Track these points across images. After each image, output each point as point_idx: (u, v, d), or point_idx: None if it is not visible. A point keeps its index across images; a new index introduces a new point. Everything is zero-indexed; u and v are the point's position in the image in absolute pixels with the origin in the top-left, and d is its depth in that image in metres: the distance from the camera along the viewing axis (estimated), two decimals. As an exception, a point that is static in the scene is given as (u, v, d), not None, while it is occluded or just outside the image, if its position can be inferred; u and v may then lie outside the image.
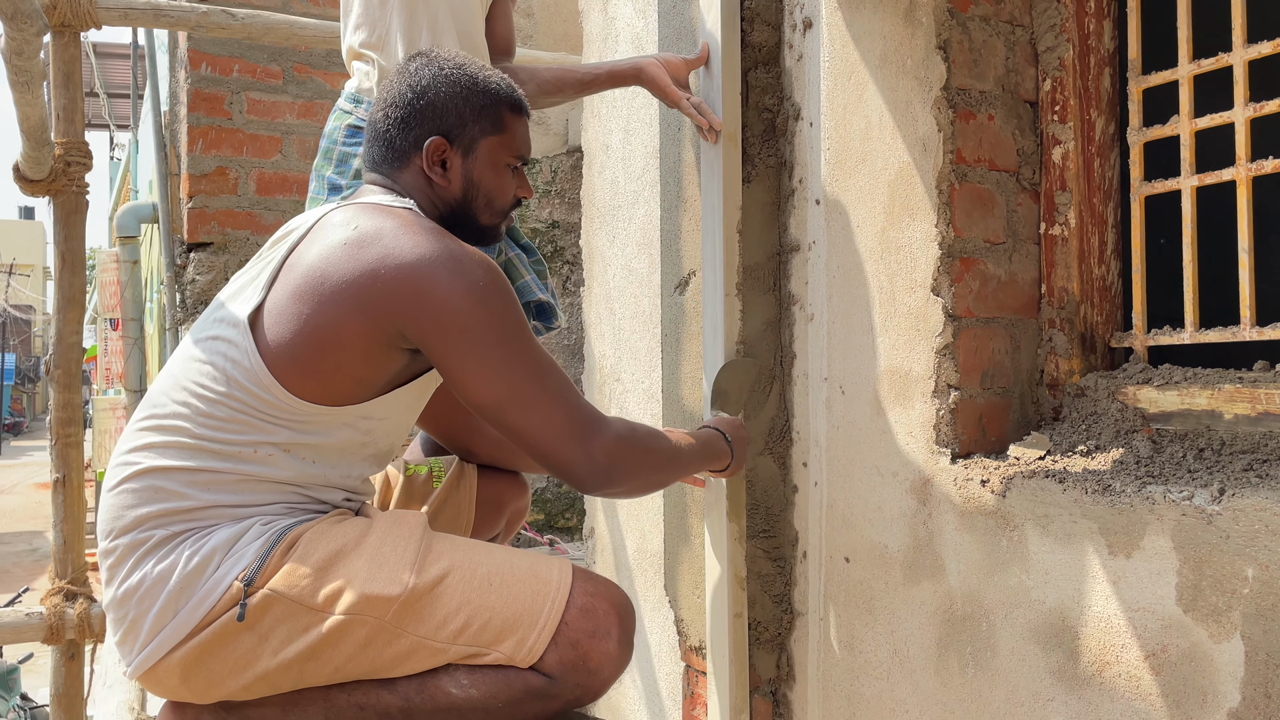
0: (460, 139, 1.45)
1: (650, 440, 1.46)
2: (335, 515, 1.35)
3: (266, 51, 4.02)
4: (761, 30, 2.01)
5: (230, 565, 1.26)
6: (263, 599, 1.25)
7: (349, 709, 1.30)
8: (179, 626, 1.26)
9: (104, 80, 10.80)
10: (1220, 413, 1.49)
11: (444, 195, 1.47)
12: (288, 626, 1.26)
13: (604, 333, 2.53)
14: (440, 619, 1.26)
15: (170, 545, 1.28)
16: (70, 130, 2.33)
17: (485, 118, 1.46)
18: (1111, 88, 1.75)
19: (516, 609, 1.27)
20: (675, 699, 2.24)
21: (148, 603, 1.27)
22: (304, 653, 1.26)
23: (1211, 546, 1.29)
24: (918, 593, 1.70)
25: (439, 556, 1.30)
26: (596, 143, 2.55)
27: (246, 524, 1.29)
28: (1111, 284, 1.75)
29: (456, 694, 1.27)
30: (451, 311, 1.28)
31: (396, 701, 1.29)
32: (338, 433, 1.35)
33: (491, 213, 1.50)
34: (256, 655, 1.26)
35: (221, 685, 1.28)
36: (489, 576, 1.29)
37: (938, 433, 1.67)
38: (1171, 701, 1.33)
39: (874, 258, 1.79)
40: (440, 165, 1.45)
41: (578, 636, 1.28)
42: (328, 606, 1.25)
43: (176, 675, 1.28)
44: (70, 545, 2.33)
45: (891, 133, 1.75)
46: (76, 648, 2.34)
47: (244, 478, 1.31)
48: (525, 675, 1.27)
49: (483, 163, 1.47)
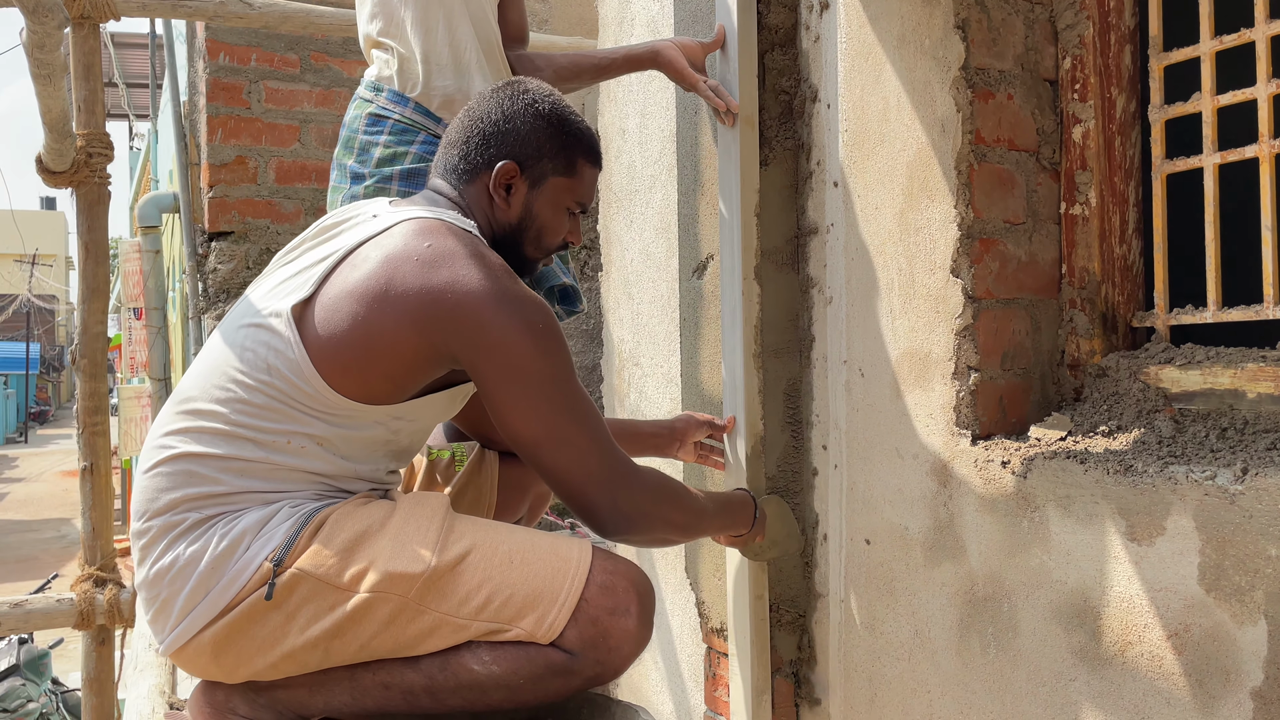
0: (531, 170, 1.49)
1: (676, 500, 1.48)
2: (360, 498, 1.38)
3: (284, 40, 4.03)
4: (778, 12, 2.00)
5: (260, 546, 1.28)
6: (290, 578, 1.28)
7: (374, 688, 1.33)
8: (210, 606, 1.28)
9: (123, 70, 10.84)
10: (1243, 392, 1.49)
11: (501, 218, 1.50)
12: (314, 605, 1.28)
13: (622, 317, 2.53)
14: (462, 596, 1.28)
15: (202, 528, 1.30)
16: (91, 122, 2.34)
17: (561, 157, 1.50)
18: (1132, 65, 1.73)
19: (537, 585, 1.29)
20: (697, 680, 2.25)
21: (179, 583, 1.30)
22: (330, 630, 1.28)
23: (1234, 526, 1.28)
24: (939, 574, 1.70)
25: (461, 535, 1.32)
26: (613, 127, 2.55)
27: (275, 506, 1.32)
28: (1133, 263, 1.74)
29: (479, 670, 1.28)
30: (508, 349, 1.32)
31: (420, 679, 1.31)
32: (369, 430, 1.37)
33: (538, 248, 1.54)
34: (284, 633, 1.29)
35: (250, 664, 1.31)
36: (510, 555, 1.31)
37: (958, 414, 1.67)
38: (1194, 681, 1.33)
39: (893, 239, 1.79)
40: (505, 189, 1.48)
41: (597, 613, 1.29)
42: (353, 585, 1.28)
43: (208, 654, 1.31)
44: (99, 532, 2.36)
45: (910, 114, 1.74)
46: (107, 633, 2.38)
47: (275, 467, 1.33)
48: (546, 651, 1.28)
49: (546, 199, 1.51)
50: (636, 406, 2.49)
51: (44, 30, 1.82)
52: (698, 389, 2.18)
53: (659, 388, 2.36)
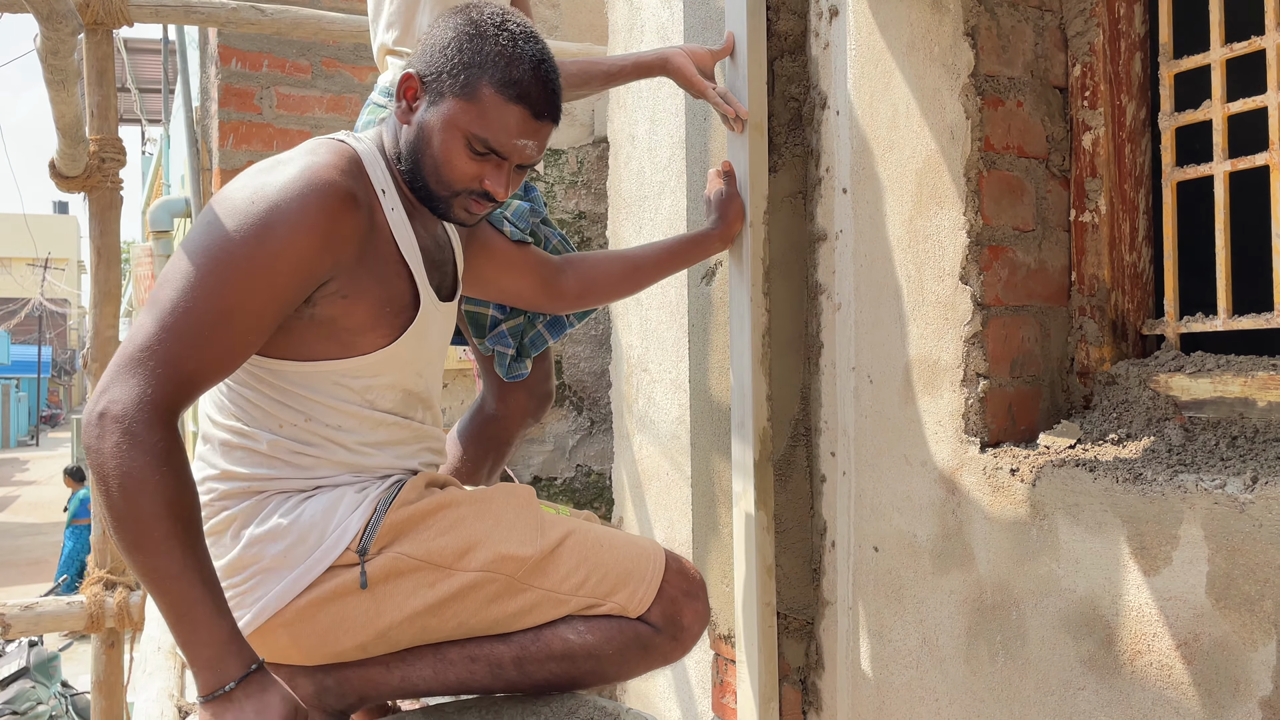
0: (433, 85, 1.32)
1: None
2: (425, 482, 1.39)
3: (295, 46, 4.05)
4: (787, 19, 2.00)
5: (337, 536, 1.30)
6: (389, 560, 1.31)
7: (460, 660, 1.37)
8: (285, 592, 1.30)
9: (135, 75, 10.90)
10: (1254, 400, 1.48)
11: (402, 137, 1.36)
12: (412, 583, 1.32)
13: (631, 323, 2.53)
14: (563, 574, 1.36)
15: (260, 514, 1.32)
16: (104, 127, 2.36)
17: (462, 75, 1.30)
18: (1142, 72, 1.73)
19: (627, 565, 1.39)
20: (705, 687, 2.25)
21: (250, 570, 1.31)
22: (431, 607, 1.33)
23: (1244, 535, 1.28)
24: (947, 582, 1.70)
25: (554, 523, 1.41)
26: (622, 133, 2.55)
27: (339, 492, 1.33)
28: (1143, 271, 1.74)
29: (574, 639, 1.36)
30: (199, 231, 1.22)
31: (511, 651, 1.37)
32: (332, 391, 1.33)
33: (439, 183, 1.34)
34: (377, 614, 1.32)
35: (334, 644, 1.34)
36: (599, 539, 1.41)
37: (967, 422, 1.67)
38: (1203, 690, 1.33)
39: (902, 246, 1.79)
40: (408, 103, 1.35)
41: (676, 594, 1.40)
42: (457, 563, 1.33)
43: (286, 637, 1.33)
44: (109, 535, 2.37)
45: (919, 120, 1.74)
46: (116, 636, 2.39)
47: (296, 459, 1.34)
48: (635, 624, 1.38)
49: (440, 121, 1.31)
50: (645, 413, 2.49)
51: (58, 36, 1.83)
52: (706, 395, 2.18)
53: (667, 394, 2.36)
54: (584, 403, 4.23)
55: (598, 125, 4.20)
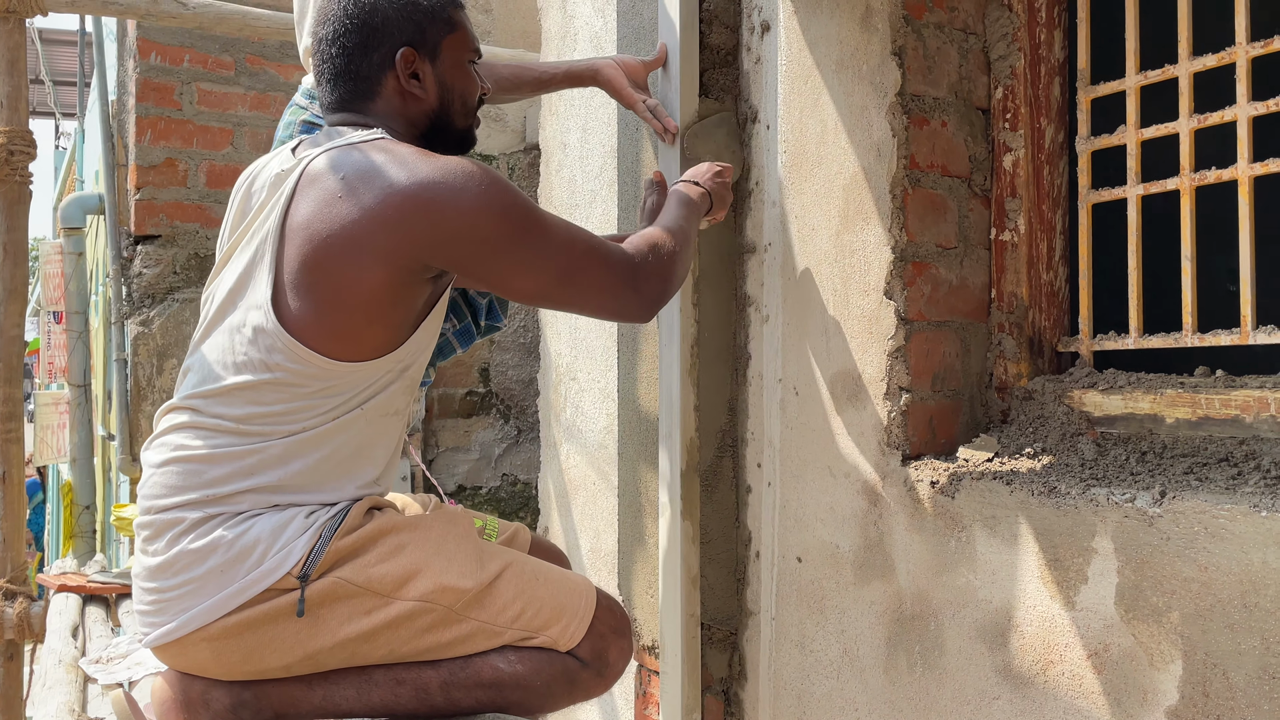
0: (424, 45, 1.45)
1: (669, 251, 1.49)
2: (368, 503, 1.38)
3: (219, 42, 3.95)
4: (720, 32, 2.02)
5: (279, 558, 1.28)
6: (327, 585, 1.29)
7: (386, 683, 1.36)
8: (217, 606, 1.28)
9: (50, 68, 10.54)
10: (1162, 417, 1.53)
11: (421, 108, 1.46)
12: (348, 609, 1.31)
13: (560, 331, 2.52)
14: (500, 606, 1.37)
15: (208, 525, 1.30)
16: (14, 119, 2.28)
17: (439, 18, 1.46)
18: (1061, 97, 1.78)
19: (561, 600, 1.41)
20: (628, 699, 2.24)
21: (183, 579, 1.29)
22: (364, 634, 1.31)
23: (1152, 548, 1.31)
24: (868, 592, 1.72)
25: (492, 554, 1.42)
26: (554, 140, 2.54)
27: (289, 513, 1.31)
28: (1059, 289, 1.78)
29: (504, 668, 1.37)
30: (468, 226, 1.30)
31: (438, 676, 1.36)
32: (383, 382, 1.37)
33: (466, 113, 1.51)
34: (310, 637, 1.30)
35: (259, 663, 1.31)
36: (535, 573, 1.43)
37: (889, 434, 1.69)
38: (1113, 700, 1.36)
39: (828, 260, 1.81)
40: (414, 77, 1.45)
41: (605, 630, 1.43)
42: (396, 592, 1.32)
43: (206, 651, 1.30)
44: (9, 543, 2.27)
45: (847, 137, 1.77)
46: (16, 648, 2.29)
47: (282, 458, 1.32)
48: (564, 658, 1.40)
49: (449, 63, 1.48)
50: (572, 422, 2.47)
51: (-35, 22, 1.76)
52: (634, 405, 2.18)
53: (595, 403, 2.36)
54: (511, 411, 4.20)
55: (530, 131, 4.18)
